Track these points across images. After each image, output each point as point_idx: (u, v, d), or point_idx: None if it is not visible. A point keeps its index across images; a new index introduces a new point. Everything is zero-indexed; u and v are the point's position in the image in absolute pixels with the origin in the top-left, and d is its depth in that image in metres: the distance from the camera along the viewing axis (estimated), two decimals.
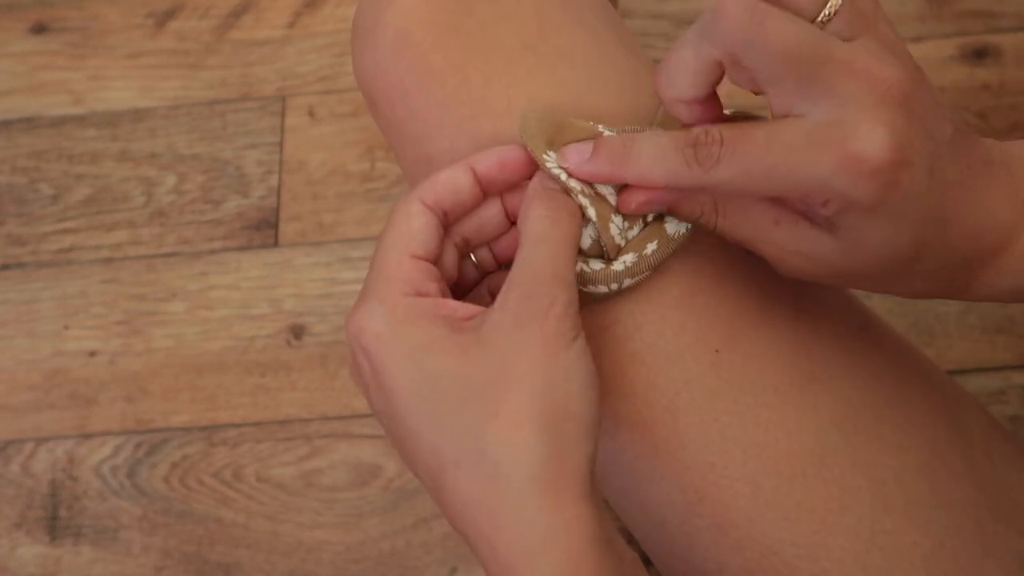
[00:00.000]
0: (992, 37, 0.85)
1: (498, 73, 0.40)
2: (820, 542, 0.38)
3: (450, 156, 0.40)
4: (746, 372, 0.39)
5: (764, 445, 0.38)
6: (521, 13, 0.41)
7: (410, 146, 0.42)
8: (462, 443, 0.32)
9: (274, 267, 0.83)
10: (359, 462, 0.76)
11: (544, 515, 0.32)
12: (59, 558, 0.76)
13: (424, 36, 0.41)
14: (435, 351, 0.33)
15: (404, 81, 0.41)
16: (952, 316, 0.75)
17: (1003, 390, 0.73)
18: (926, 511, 0.39)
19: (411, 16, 0.41)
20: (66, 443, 0.79)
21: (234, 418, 0.79)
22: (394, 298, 0.34)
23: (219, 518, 0.76)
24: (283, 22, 0.92)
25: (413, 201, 0.36)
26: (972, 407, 0.44)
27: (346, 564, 0.74)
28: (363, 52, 0.43)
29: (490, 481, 0.32)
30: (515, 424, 0.32)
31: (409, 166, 0.43)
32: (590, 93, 0.40)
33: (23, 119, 0.91)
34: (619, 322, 0.40)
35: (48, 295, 0.84)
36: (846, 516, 0.38)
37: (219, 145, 0.88)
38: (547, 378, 0.32)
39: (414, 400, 0.33)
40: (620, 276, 0.38)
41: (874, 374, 0.41)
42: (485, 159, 0.37)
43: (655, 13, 0.87)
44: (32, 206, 0.88)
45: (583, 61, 0.41)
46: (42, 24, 0.94)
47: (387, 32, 0.42)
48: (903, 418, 0.40)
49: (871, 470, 0.39)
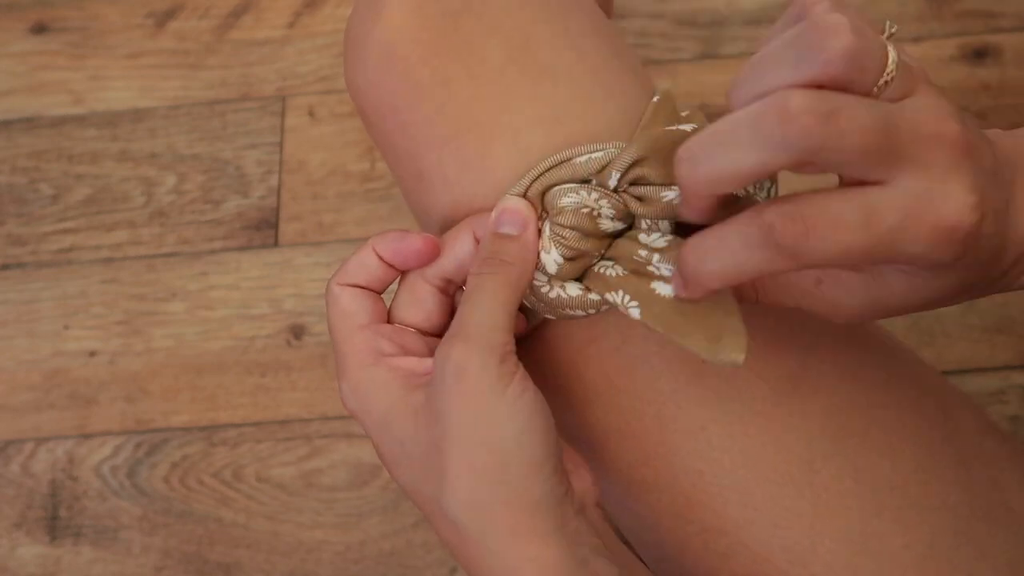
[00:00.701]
0: (992, 37, 0.85)
1: (482, 88, 0.40)
2: (810, 547, 0.39)
3: (439, 170, 0.41)
4: (732, 381, 0.39)
5: (752, 452, 0.39)
6: (507, 28, 0.41)
7: (402, 160, 0.43)
8: (431, 502, 0.35)
9: (274, 267, 0.83)
10: (359, 462, 0.76)
11: (503, 559, 0.34)
12: (59, 558, 0.76)
13: (411, 51, 0.41)
14: (395, 417, 0.36)
15: (393, 96, 0.42)
16: (952, 316, 0.75)
17: (1003, 390, 0.73)
18: (917, 514, 0.39)
19: (399, 32, 0.41)
20: (66, 443, 0.79)
21: (234, 418, 0.79)
22: (355, 374, 0.37)
23: (219, 518, 0.76)
24: (283, 22, 0.92)
25: (332, 286, 0.39)
26: (966, 409, 0.44)
27: (346, 564, 0.74)
28: (354, 67, 0.43)
29: (456, 534, 0.35)
30: (458, 482, 0.34)
31: (402, 179, 0.44)
32: (573, 107, 0.40)
33: (23, 119, 0.91)
34: (605, 335, 0.40)
35: (48, 295, 0.84)
36: (836, 521, 0.39)
37: (219, 145, 0.88)
38: (480, 432, 0.34)
39: (396, 463, 0.37)
40: (597, 304, 0.38)
41: (863, 378, 0.41)
42: (382, 242, 0.39)
43: (655, 13, 0.87)
44: (32, 206, 0.88)
45: (567, 75, 0.41)
46: (42, 24, 0.94)
47: (376, 47, 0.42)
48: (893, 422, 0.40)
49: (861, 474, 0.39)
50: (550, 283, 0.38)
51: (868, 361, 0.42)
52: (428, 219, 0.43)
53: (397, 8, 0.41)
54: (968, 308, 0.75)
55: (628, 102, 0.41)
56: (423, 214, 0.44)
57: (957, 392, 0.45)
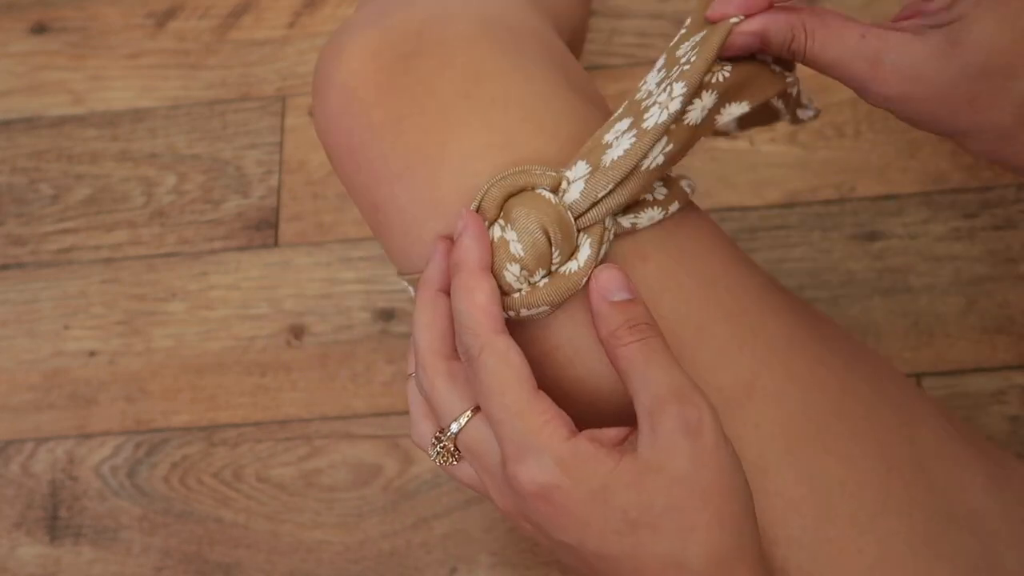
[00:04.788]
0: None
1: (433, 123, 0.42)
2: (765, 553, 0.39)
3: (393, 203, 0.42)
4: None
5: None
6: (459, 64, 0.43)
7: (361, 195, 0.44)
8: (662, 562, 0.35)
9: (274, 267, 0.83)
10: (359, 462, 0.76)
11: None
12: (59, 558, 0.76)
13: (367, 93, 0.43)
14: (615, 488, 0.35)
15: (351, 136, 0.44)
16: (952, 316, 0.75)
17: (1003, 390, 0.73)
18: (872, 519, 0.40)
19: (357, 75, 0.43)
20: (66, 443, 0.79)
21: (234, 418, 0.79)
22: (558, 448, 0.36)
23: (219, 518, 0.76)
24: (283, 22, 0.92)
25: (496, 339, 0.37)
26: (929, 413, 0.44)
27: (346, 564, 0.74)
28: (319, 108, 0.45)
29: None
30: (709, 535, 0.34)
31: (364, 213, 0.45)
32: (523, 133, 0.42)
33: (23, 119, 0.91)
34: (560, 348, 0.41)
35: (48, 295, 0.84)
36: (789, 527, 0.39)
37: (219, 145, 0.88)
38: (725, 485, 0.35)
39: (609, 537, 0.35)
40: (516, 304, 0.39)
41: (816, 387, 0.41)
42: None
43: (655, 13, 0.87)
44: (32, 206, 0.88)
45: (517, 104, 0.42)
46: (42, 24, 0.94)
47: (335, 91, 0.44)
48: (848, 429, 0.41)
49: (814, 480, 0.40)
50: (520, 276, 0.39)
51: (823, 369, 0.42)
52: (389, 248, 0.45)
53: (356, 52, 0.43)
54: (968, 308, 0.75)
55: (581, 127, 0.42)
56: (384, 243, 0.45)
57: (921, 396, 0.46)
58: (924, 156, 0.80)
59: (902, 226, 0.78)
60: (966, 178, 0.79)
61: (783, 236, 0.79)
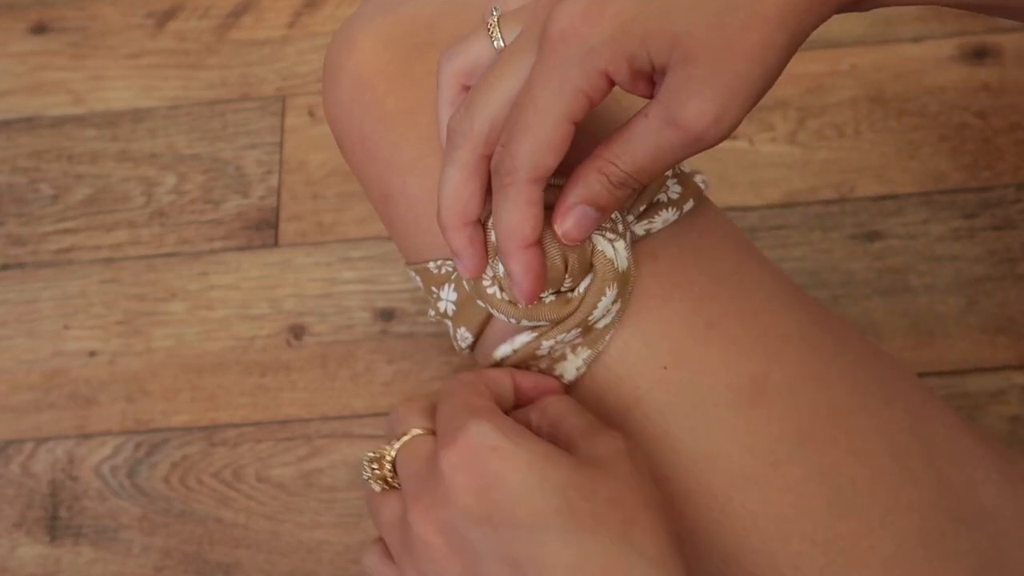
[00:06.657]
0: (992, 37, 0.85)
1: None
2: (778, 548, 0.39)
3: (403, 192, 0.43)
4: (695, 388, 0.40)
5: (716, 457, 0.39)
6: None
7: (372, 183, 0.45)
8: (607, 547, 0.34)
9: (274, 267, 0.83)
10: (359, 462, 0.76)
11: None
12: (59, 558, 0.76)
13: (380, 82, 0.43)
14: (554, 464, 0.34)
15: (363, 125, 0.44)
16: (952, 316, 0.75)
17: (1003, 390, 0.73)
18: (884, 515, 0.40)
19: (369, 64, 0.44)
20: (66, 443, 0.79)
21: (234, 418, 0.79)
22: (498, 416, 0.36)
23: (219, 518, 0.76)
24: (283, 22, 0.92)
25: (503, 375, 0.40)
26: (940, 411, 0.44)
27: (346, 564, 0.74)
28: (329, 97, 0.45)
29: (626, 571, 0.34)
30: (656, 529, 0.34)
31: (373, 201, 0.46)
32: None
33: (23, 119, 0.91)
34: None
35: (48, 295, 0.84)
36: (802, 523, 0.39)
37: (219, 145, 0.88)
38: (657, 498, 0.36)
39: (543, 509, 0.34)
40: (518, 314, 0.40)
41: (828, 384, 0.41)
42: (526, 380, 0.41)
43: None
44: (32, 206, 0.88)
45: None
46: (42, 24, 0.94)
47: (348, 79, 0.44)
48: (859, 426, 0.41)
49: (827, 477, 0.40)
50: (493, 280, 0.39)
51: (834, 367, 0.42)
52: (398, 238, 0.45)
53: (368, 42, 0.44)
54: (968, 308, 0.75)
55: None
56: (393, 233, 0.45)
57: (931, 394, 0.46)
58: (924, 156, 0.80)
59: (902, 226, 0.78)
60: (966, 178, 0.79)
61: (783, 236, 0.79)
